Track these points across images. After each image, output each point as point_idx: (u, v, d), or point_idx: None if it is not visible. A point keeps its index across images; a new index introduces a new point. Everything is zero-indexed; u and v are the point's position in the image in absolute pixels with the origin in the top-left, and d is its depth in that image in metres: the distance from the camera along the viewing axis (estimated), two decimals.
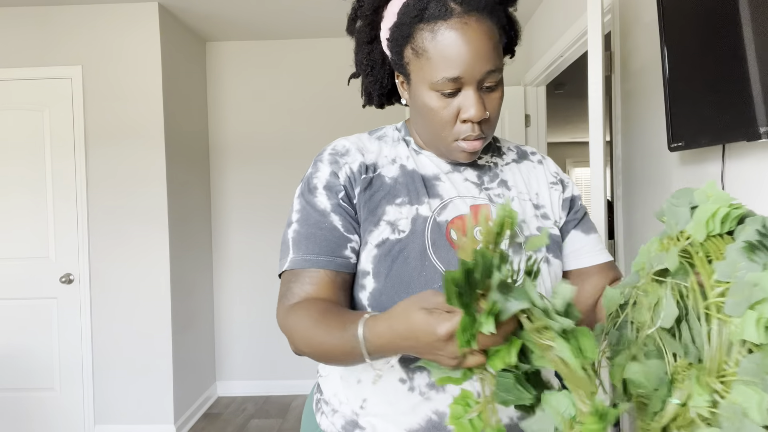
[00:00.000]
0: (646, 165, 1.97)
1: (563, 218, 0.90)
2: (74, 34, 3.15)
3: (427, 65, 0.76)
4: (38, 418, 3.15)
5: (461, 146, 0.79)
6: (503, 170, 0.89)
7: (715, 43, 1.32)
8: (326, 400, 0.87)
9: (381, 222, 0.79)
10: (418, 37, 0.76)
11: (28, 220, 3.13)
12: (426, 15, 0.75)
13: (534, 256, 0.80)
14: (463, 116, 0.77)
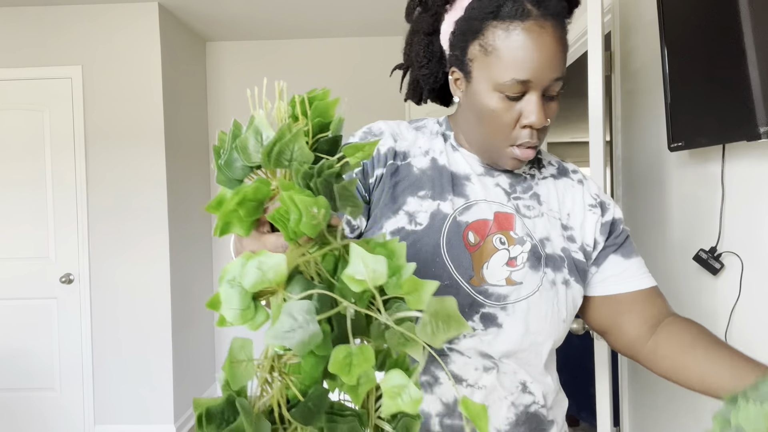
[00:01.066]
0: (646, 165, 1.97)
1: (601, 243, 0.86)
2: (74, 34, 3.15)
3: (496, 64, 0.73)
4: (38, 418, 3.15)
5: (515, 153, 0.77)
6: (539, 183, 0.87)
7: (715, 43, 1.32)
8: None
9: (400, 211, 0.77)
10: (489, 34, 0.73)
11: (28, 220, 3.13)
12: (501, 13, 0.72)
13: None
14: (525, 122, 0.75)
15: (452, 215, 0.78)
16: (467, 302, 0.75)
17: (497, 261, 0.78)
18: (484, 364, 0.76)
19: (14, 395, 3.15)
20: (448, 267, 0.75)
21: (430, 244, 0.76)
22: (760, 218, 1.35)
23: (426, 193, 0.79)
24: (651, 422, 2.00)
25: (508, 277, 0.77)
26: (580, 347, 2.94)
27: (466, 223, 0.78)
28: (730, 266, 1.47)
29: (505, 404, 0.78)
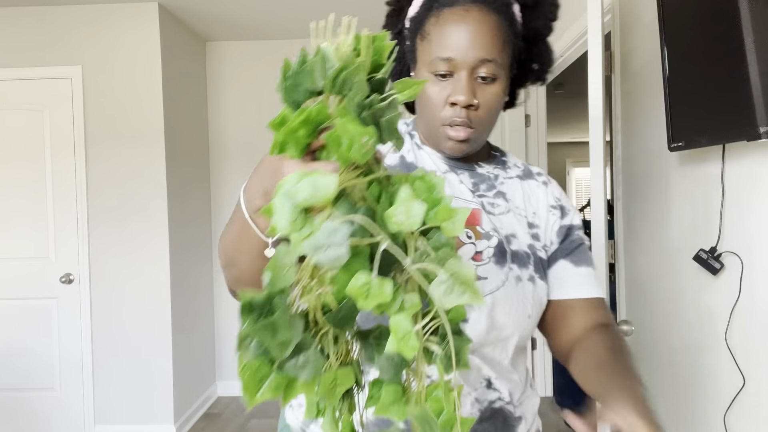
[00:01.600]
0: (646, 165, 1.97)
1: (555, 245, 0.87)
2: (74, 34, 3.15)
3: (428, 47, 0.78)
4: (38, 418, 3.15)
5: (448, 133, 0.79)
6: (504, 182, 0.88)
7: (715, 43, 1.32)
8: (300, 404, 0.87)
9: None
10: (426, 24, 0.79)
11: (28, 220, 3.13)
12: (437, 4, 0.78)
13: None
14: (451, 99, 0.77)
15: None
16: None
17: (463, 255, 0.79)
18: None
19: (14, 395, 3.15)
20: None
21: None
22: (760, 218, 1.35)
23: None
24: None
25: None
26: None
27: None
28: (730, 266, 1.47)
29: (468, 400, 0.78)
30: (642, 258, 2.03)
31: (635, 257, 2.09)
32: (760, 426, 1.38)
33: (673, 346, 1.81)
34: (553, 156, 7.92)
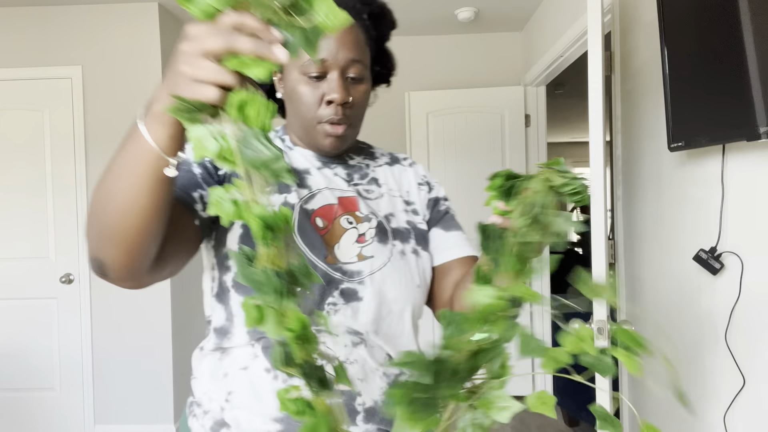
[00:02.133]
0: (646, 165, 1.97)
1: (427, 216, 0.96)
2: (74, 34, 3.15)
3: None
4: (38, 418, 3.15)
5: (326, 129, 0.85)
6: (375, 170, 0.96)
7: (715, 43, 1.32)
8: (198, 402, 0.86)
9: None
10: None
11: (28, 220, 3.13)
12: None
13: None
14: (327, 98, 0.83)
15: (298, 204, 0.85)
16: (326, 280, 0.81)
17: (348, 240, 0.85)
18: (352, 339, 0.81)
19: (14, 395, 3.15)
20: (305, 251, 0.82)
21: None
22: (760, 218, 1.35)
23: (272, 189, 0.82)
24: (651, 422, 2.00)
25: (359, 253, 0.84)
26: None
27: (312, 210, 0.85)
28: (730, 266, 1.47)
29: (377, 375, 0.83)
30: (642, 258, 2.03)
31: (635, 257, 2.09)
32: (760, 426, 1.38)
33: (673, 346, 1.81)
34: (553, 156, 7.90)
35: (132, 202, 0.58)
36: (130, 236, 0.60)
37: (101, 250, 0.63)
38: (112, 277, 0.66)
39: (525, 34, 3.72)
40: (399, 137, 3.84)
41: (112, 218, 0.60)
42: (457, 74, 3.84)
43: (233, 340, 0.82)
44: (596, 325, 1.56)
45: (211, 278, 0.89)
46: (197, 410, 0.86)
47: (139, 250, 0.62)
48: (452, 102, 3.68)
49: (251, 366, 0.80)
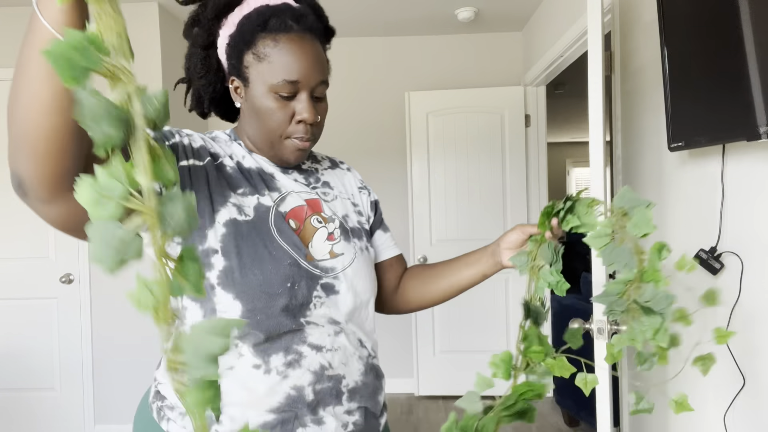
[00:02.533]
0: (646, 165, 1.97)
1: (372, 218, 1.07)
2: None
3: (269, 69, 0.85)
4: (38, 418, 3.15)
5: (295, 144, 0.89)
6: (324, 174, 1.03)
7: (715, 43, 1.32)
8: (170, 406, 0.86)
9: (228, 203, 0.85)
10: (260, 45, 0.86)
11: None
12: (269, 26, 0.86)
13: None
14: (298, 117, 0.87)
15: (273, 206, 0.89)
16: (308, 276, 0.86)
17: (319, 238, 0.92)
18: (334, 329, 0.88)
19: (14, 395, 3.15)
20: (286, 249, 0.85)
21: (263, 231, 0.85)
22: (760, 218, 1.35)
23: (245, 191, 0.88)
24: (651, 422, 2.00)
25: (330, 250, 0.91)
26: (580, 347, 2.94)
27: (285, 212, 0.90)
28: (730, 266, 1.48)
29: (355, 358, 0.91)
30: None
31: None
32: (760, 426, 1.38)
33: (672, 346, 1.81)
34: (553, 156, 7.92)
35: (35, 97, 0.55)
36: (40, 140, 0.58)
37: (16, 162, 0.61)
38: (31, 196, 0.64)
39: (525, 34, 3.73)
40: (399, 137, 3.84)
41: (21, 121, 0.57)
42: (457, 74, 3.84)
43: None
44: (596, 325, 1.56)
45: None
46: (171, 414, 0.85)
47: (52, 159, 0.59)
48: (452, 102, 3.68)
49: (237, 365, 0.82)
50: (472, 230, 3.70)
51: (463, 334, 3.73)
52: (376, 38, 3.86)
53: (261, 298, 0.82)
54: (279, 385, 0.82)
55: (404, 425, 3.30)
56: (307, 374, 0.84)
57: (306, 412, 0.84)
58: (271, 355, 0.82)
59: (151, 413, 0.89)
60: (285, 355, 0.83)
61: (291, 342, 0.83)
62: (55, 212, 0.67)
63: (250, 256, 0.82)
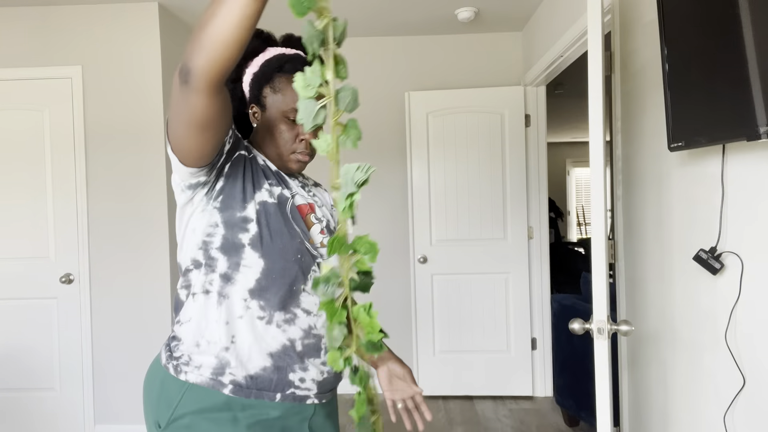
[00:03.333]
0: (646, 165, 1.97)
1: None
2: (74, 34, 3.15)
3: (282, 99, 1.14)
4: (38, 418, 3.15)
5: (298, 158, 1.16)
6: (311, 189, 1.28)
7: (715, 43, 1.32)
8: (186, 361, 1.07)
9: (263, 188, 1.12)
10: (276, 81, 1.15)
11: (28, 220, 3.13)
12: (284, 69, 1.15)
13: None
14: (302, 137, 1.14)
15: (291, 198, 1.16)
16: (311, 255, 1.14)
17: (315, 231, 1.18)
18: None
19: (14, 395, 3.15)
20: (299, 232, 1.13)
21: (284, 213, 1.12)
22: (760, 218, 1.35)
23: (272, 182, 1.14)
24: (651, 422, 2.00)
25: (321, 241, 1.17)
26: (580, 347, 2.94)
27: (296, 205, 1.17)
28: (730, 266, 1.47)
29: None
30: (642, 258, 2.03)
31: (635, 257, 2.09)
32: (760, 426, 1.38)
33: (672, 346, 1.81)
34: (553, 156, 7.91)
35: (233, 16, 0.77)
36: (225, 46, 0.80)
37: (194, 58, 0.82)
38: (191, 84, 0.85)
39: (525, 34, 3.73)
40: (399, 137, 3.84)
41: (214, 29, 0.78)
42: (457, 74, 3.84)
43: (236, 285, 1.07)
44: (596, 325, 1.56)
45: (207, 234, 1.08)
46: (187, 367, 1.07)
47: (223, 61, 0.82)
48: (452, 102, 3.68)
49: (245, 315, 1.07)
50: (472, 230, 3.70)
51: (463, 334, 3.73)
52: (376, 38, 3.86)
53: (279, 261, 1.08)
54: (278, 336, 1.07)
55: (404, 425, 3.31)
56: (299, 331, 1.09)
57: (296, 360, 1.09)
58: (275, 312, 1.07)
59: (167, 372, 1.08)
60: (284, 314, 1.08)
61: (289, 305, 1.09)
62: (202, 102, 0.88)
63: (276, 229, 1.09)
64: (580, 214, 9.10)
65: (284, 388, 1.08)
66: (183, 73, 0.85)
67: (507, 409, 3.53)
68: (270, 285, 1.07)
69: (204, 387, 1.05)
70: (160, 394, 1.08)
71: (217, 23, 0.78)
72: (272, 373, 1.07)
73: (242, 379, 1.05)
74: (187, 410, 1.05)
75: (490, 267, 3.71)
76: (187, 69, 0.84)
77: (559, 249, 6.10)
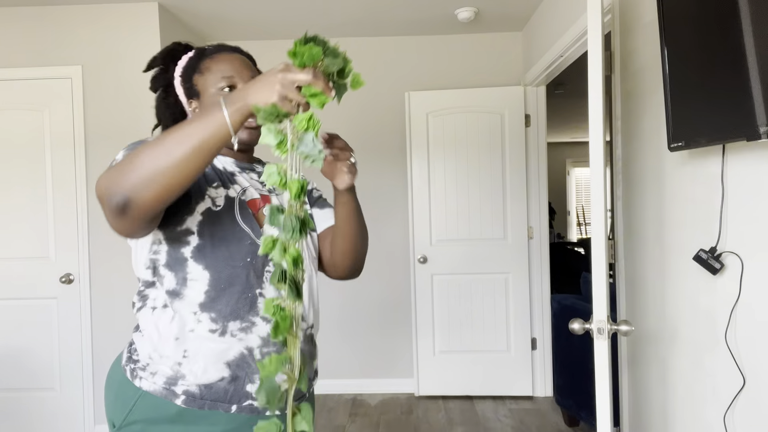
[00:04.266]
0: (646, 165, 1.97)
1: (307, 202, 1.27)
2: (74, 34, 3.15)
3: (210, 76, 1.12)
4: (38, 418, 3.15)
5: (243, 132, 1.12)
6: None
7: (715, 43, 1.32)
8: (142, 367, 1.05)
9: (206, 197, 1.07)
10: (202, 65, 1.14)
11: (28, 220, 3.13)
12: (206, 53, 1.16)
13: None
14: None
15: (237, 197, 1.11)
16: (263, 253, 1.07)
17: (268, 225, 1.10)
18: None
19: (14, 395, 3.15)
20: (247, 231, 1.07)
21: (230, 216, 1.08)
22: (760, 218, 1.35)
23: (218, 184, 1.10)
24: (651, 422, 2.00)
25: None
26: (580, 347, 2.94)
27: (245, 201, 1.12)
28: (730, 266, 1.48)
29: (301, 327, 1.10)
30: (642, 258, 2.03)
31: (635, 257, 2.09)
32: (760, 426, 1.38)
33: (672, 346, 1.81)
34: (553, 156, 7.91)
35: (188, 161, 0.83)
36: (172, 185, 0.84)
37: (138, 192, 0.83)
38: (131, 215, 0.86)
39: (525, 34, 3.73)
40: (399, 137, 3.84)
41: (165, 169, 0.82)
42: (457, 74, 3.84)
43: (184, 300, 1.03)
44: (596, 325, 1.56)
45: (153, 251, 1.07)
46: (143, 373, 1.04)
47: (168, 197, 0.86)
48: (452, 102, 3.68)
49: (197, 329, 1.02)
50: (472, 230, 3.70)
51: (463, 334, 3.73)
52: (376, 38, 3.86)
53: (225, 269, 1.03)
54: (234, 345, 1.03)
55: (404, 425, 3.31)
56: (257, 339, 1.05)
57: (254, 370, 1.04)
58: (228, 322, 1.03)
59: (125, 374, 1.07)
60: (240, 323, 1.04)
61: (245, 313, 1.04)
62: (135, 226, 0.90)
63: (219, 236, 1.05)
64: (580, 214, 9.10)
65: (240, 400, 1.03)
66: (121, 202, 0.84)
67: (507, 409, 3.53)
68: (219, 295, 1.03)
69: (157, 396, 1.02)
70: (117, 396, 1.07)
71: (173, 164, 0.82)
72: (228, 383, 1.03)
73: (196, 388, 1.02)
74: (139, 417, 1.03)
75: (490, 267, 3.71)
76: (128, 200, 0.84)
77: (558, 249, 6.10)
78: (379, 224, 3.86)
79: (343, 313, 3.90)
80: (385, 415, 3.46)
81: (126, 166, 0.84)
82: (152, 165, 0.82)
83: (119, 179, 0.84)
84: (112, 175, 0.85)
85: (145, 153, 0.83)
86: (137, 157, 0.84)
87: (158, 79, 1.21)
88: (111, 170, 0.86)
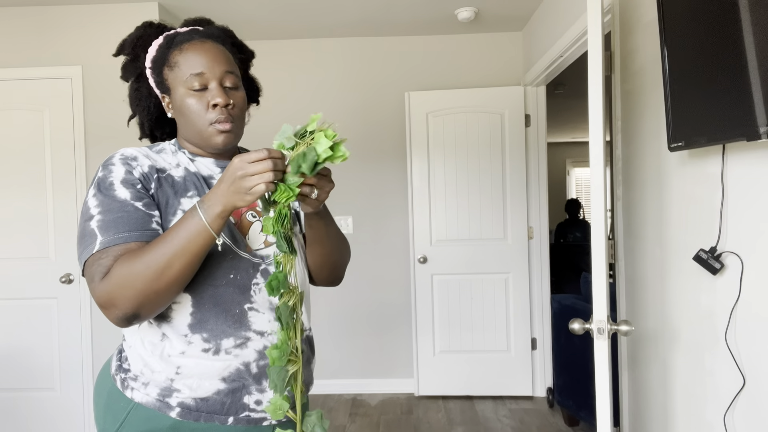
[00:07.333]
0: (646, 165, 1.97)
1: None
2: (74, 34, 3.15)
3: (179, 71, 1.03)
4: (38, 418, 3.15)
5: (217, 128, 1.02)
6: None
7: (715, 43, 1.32)
8: (133, 377, 1.00)
9: (178, 211, 0.99)
10: (171, 58, 1.05)
11: (28, 220, 3.13)
12: (175, 42, 1.06)
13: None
14: (212, 102, 1.01)
15: None
16: (250, 264, 1.02)
17: (254, 230, 1.06)
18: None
19: (14, 395, 3.15)
20: (228, 246, 1.00)
21: None
22: (760, 218, 1.35)
23: (193, 193, 1.02)
24: (651, 422, 2.00)
25: (265, 240, 1.06)
26: (580, 348, 2.94)
27: None
28: (730, 266, 1.47)
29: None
30: (642, 258, 2.03)
31: (635, 257, 2.09)
32: (760, 426, 1.38)
33: (672, 346, 1.81)
34: (553, 156, 7.91)
35: (182, 271, 0.89)
36: (172, 291, 0.90)
37: (143, 308, 0.89)
38: (133, 322, 0.91)
39: (525, 34, 3.73)
40: (399, 137, 3.84)
41: (165, 284, 0.88)
42: (457, 74, 3.84)
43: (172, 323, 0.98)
44: (596, 325, 1.56)
45: None
46: (135, 383, 0.99)
47: (174, 297, 0.92)
48: (452, 102, 3.68)
49: (187, 350, 0.98)
50: (472, 230, 3.70)
51: (463, 334, 3.73)
52: (376, 38, 3.86)
53: (207, 289, 0.98)
54: (230, 362, 0.99)
55: (404, 425, 3.31)
56: (253, 353, 1.01)
57: (252, 382, 1.01)
58: (221, 340, 0.98)
59: (114, 384, 1.01)
60: (234, 340, 0.99)
61: (237, 329, 0.99)
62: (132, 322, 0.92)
63: None
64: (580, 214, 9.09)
65: (238, 412, 0.99)
66: (127, 317, 0.90)
67: (507, 409, 3.53)
68: (207, 316, 0.98)
69: (150, 408, 0.97)
70: (108, 407, 1.02)
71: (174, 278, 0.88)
72: (225, 396, 0.98)
73: (191, 401, 0.97)
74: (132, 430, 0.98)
75: (490, 267, 3.71)
76: (132, 315, 0.89)
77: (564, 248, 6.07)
78: (378, 224, 3.86)
79: (343, 313, 3.90)
80: (385, 415, 3.46)
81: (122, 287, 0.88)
82: (150, 287, 0.87)
83: (120, 301, 0.89)
84: (112, 292, 0.88)
85: (138, 277, 0.87)
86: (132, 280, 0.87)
87: (128, 69, 1.15)
88: (108, 285, 0.88)
